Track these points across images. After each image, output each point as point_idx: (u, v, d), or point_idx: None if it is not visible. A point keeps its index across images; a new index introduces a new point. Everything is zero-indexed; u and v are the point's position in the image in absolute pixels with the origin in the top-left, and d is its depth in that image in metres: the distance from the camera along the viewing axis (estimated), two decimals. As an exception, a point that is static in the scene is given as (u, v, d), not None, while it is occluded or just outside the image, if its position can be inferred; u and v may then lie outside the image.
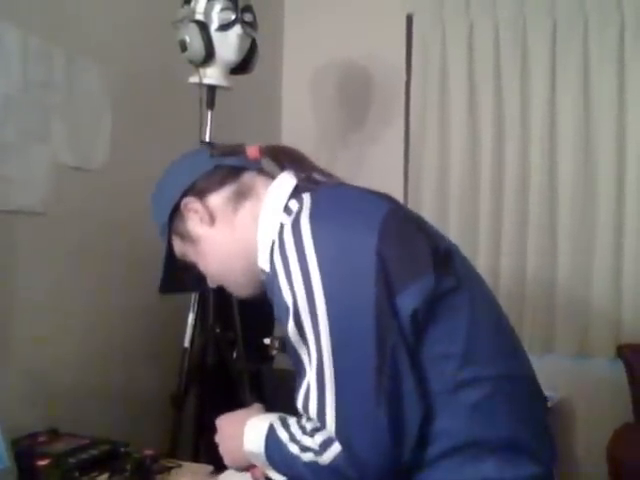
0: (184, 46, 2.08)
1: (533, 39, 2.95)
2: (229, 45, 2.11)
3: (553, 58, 2.93)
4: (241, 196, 1.17)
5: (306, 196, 1.08)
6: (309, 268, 0.98)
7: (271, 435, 1.07)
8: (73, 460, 1.65)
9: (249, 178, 1.19)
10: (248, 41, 2.17)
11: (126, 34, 2.29)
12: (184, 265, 1.25)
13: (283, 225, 1.06)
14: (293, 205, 1.10)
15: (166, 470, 1.70)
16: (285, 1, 3.38)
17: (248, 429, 1.12)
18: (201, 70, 2.12)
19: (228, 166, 1.20)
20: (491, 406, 1.02)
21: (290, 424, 1.06)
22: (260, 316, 1.56)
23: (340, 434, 0.97)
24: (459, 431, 1.01)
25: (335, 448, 0.97)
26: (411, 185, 3.12)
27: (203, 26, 2.06)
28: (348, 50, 3.20)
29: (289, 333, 1.01)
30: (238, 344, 2.20)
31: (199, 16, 2.07)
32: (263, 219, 1.13)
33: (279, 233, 1.04)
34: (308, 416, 1.01)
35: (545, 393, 1.17)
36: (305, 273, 0.98)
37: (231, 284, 1.24)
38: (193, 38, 2.06)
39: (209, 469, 1.73)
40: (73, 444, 1.72)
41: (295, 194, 1.12)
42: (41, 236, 1.98)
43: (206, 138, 2.15)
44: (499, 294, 2.82)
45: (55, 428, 1.81)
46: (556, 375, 2.73)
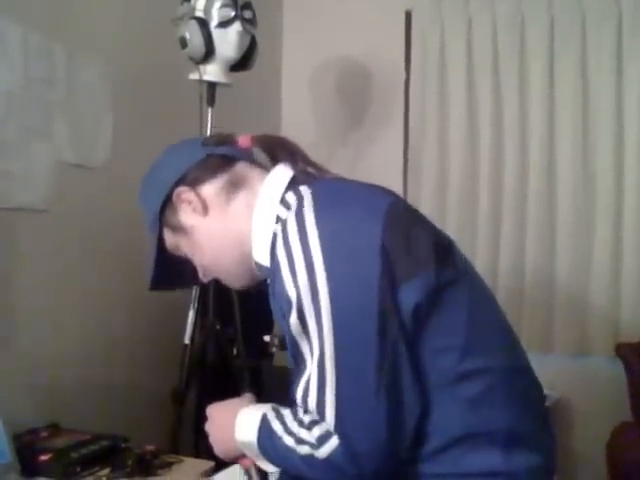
0: (184, 43, 2.08)
1: (531, 35, 2.95)
2: (229, 42, 2.11)
3: (551, 54, 2.92)
4: (234, 186, 1.16)
5: (304, 189, 1.08)
6: (313, 260, 0.97)
7: (264, 426, 1.06)
8: (74, 455, 1.66)
9: (242, 168, 1.17)
10: (248, 38, 2.18)
11: (127, 31, 2.29)
12: (175, 260, 1.23)
13: (283, 218, 1.05)
14: (290, 198, 1.09)
15: (167, 465, 1.71)
16: (284, -2, 3.38)
17: (240, 419, 1.10)
18: (201, 67, 2.13)
19: (220, 155, 1.18)
20: (491, 398, 1.02)
21: (284, 415, 1.05)
22: (260, 313, 1.56)
23: (339, 428, 0.97)
24: (459, 423, 1.01)
25: (333, 442, 0.97)
26: (410, 182, 3.12)
27: (203, 23, 2.07)
28: (347, 47, 3.20)
29: (291, 325, 1.00)
30: (238, 341, 2.21)
31: (199, 13, 2.08)
32: (259, 210, 1.12)
33: (282, 227, 1.02)
34: (306, 408, 1.00)
35: (544, 392, 1.17)
36: (309, 265, 0.97)
37: (226, 275, 1.22)
38: (193, 35, 2.07)
39: (210, 464, 1.74)
40: (74, 439, 1.73)
41: (292, 186, 1.11)
42: (43, 234, 1.99)
43: (207, 135, 2.16)
44: (498, 293, 2.82)
45: (56, 423, 1.82)
46: (555, 374, 2.73)
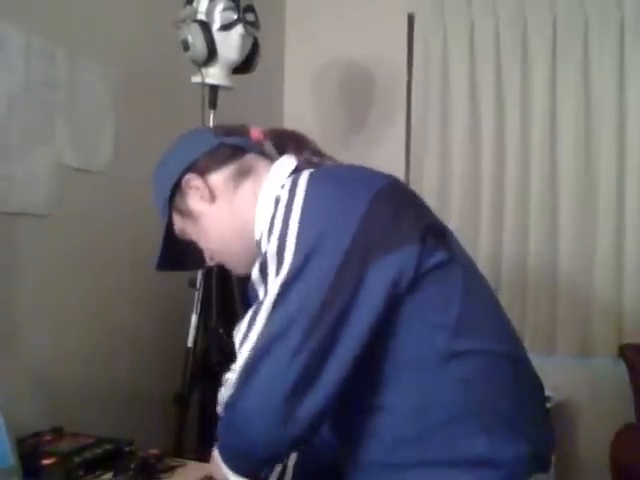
0: (186, 46, 2.08)
1: (534, 38, 2.95)
2: (231, 45, 2.11)
3: (553, 56, 2.92)
4: (242, 175, 1.20)
5: (305, 172, 1.09)
6: (290, 216, 1.00)
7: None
8: (78, 459, 1.64)
9: (251, 159, 1.21)
10: (250, 41, 2.18)
11: (129, 34, 2.29)
12: (183, 243, 1.26)
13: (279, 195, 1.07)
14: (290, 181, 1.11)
15: (170, 469, 1.70)
16: (287, 1, 3.38)
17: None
18: (203, 70, 2.13)
19: (231, 145, 1.21)
20: (486, 381, 1.01)
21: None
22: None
23: (246, 368, 0.96)
24: (448, 404, 1.00)
25: (230, 381, 0.98)
26: (412, 184, 3.12)
27: (205, 26, 2.07)
28: (349, 49, 3.20)
29: (252, 275, 1.02)
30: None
31: (201, 16, 2.08)
32: (263, 196, 1.15)
33: (276, 200, 1.04)
34: (235, 345, 1.01)
35: (547, 393, 1.17)
36: (285, 220, 1.00)
37: (231, 260, 1.25)
38: (195, 38, 2.07)
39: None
40: (78, 443, 1.72)
41: (294, 173, 1.14)
42: (44, 237, 1.98)
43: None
44: (500, 295, 2.82)
45: (60, 427, 1.81)
46: (558, 375, 2.73)
